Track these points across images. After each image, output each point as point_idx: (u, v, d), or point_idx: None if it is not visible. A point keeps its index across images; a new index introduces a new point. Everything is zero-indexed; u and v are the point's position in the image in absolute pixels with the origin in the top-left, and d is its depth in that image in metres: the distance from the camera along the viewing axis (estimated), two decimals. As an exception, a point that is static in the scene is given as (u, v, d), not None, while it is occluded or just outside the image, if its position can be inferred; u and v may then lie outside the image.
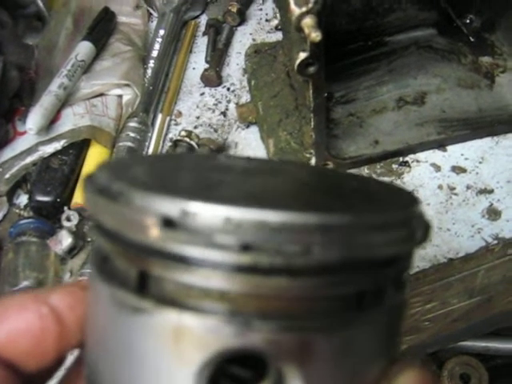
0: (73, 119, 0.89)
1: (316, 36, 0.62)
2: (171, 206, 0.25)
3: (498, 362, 1.33)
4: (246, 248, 0.24)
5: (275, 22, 1.09)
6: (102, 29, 1.02)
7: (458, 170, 0.87)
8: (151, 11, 1.13)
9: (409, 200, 0.33)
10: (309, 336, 0.26)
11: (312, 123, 0.78)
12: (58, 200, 0.86)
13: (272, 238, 0.24)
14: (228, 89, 1.02)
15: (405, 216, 0.30)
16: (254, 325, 0.25)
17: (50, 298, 0.31)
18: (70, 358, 0.35)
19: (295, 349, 0.25)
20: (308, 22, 0.63)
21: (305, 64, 0.68)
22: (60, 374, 0.35)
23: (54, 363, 0.32)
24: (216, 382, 0.26)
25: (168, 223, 0.25)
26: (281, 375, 0.26)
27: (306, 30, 0.63)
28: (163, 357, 0.26)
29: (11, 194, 0.92)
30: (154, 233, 0.25)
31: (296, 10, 0.63)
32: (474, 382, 1.29)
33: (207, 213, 0.25)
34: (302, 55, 0.67)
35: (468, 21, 1.00)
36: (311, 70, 0.69)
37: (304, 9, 0.63)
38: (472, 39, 0.99)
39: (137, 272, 0.27)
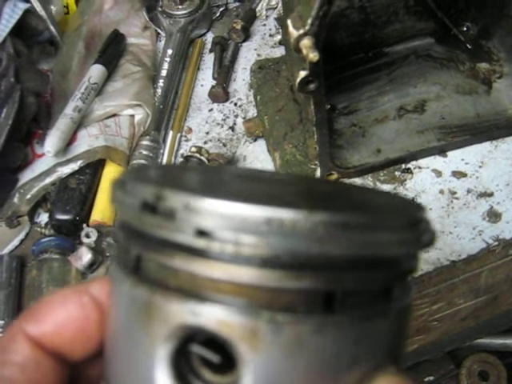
0: (88, 140, 0.94)
1: (314, 56, 0.66)
2: (148, 192, 0.29)
3: (516, 359, 1.35)
4: (200, 233, 0.27)
5: (278, 37, 1.13)
6: (112, 51, 1.07)
7: (458, 174, 0.90)
8: (159, 31, 1.18)
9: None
10: (257, 325, 0.27)
11: (315, 136, 0.82)
12: (77, 218, 0.90)
13: (225, 226, 0.27)
14: (235, 104, 1.06)
15: (365, 218, 0.29)
16: (207, 305, 0.27)
17: (89, 288, 0.35)
18: None
19: (245, 335, 0.27)
20: (306, 43, 0.67)
21: (305, 81, 0.71)
22: None
23: (97, 351, 0.35)
24: (186, 361, 0.29)
25: (146, 206, 0.29)
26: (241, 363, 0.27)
27: (304, 51, 0.67)
28: (137, 327, 0.29)
29: (32, 214, 0.96)
30: (136, 215, 0.29)
31: (294, 33, 0.67)
32: (493, 380, 1.30)
33: (173, 199, 0.28)
34: (302, 73, 0.71)
35: (465, 29, 1.03)
36: (311, 87, 0.72)
37: (301, 31, 0.66)
38: (469, 46, 1.02)
39: (135, 256, 0.31)
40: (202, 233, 0.27)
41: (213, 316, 0.27)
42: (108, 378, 0.33)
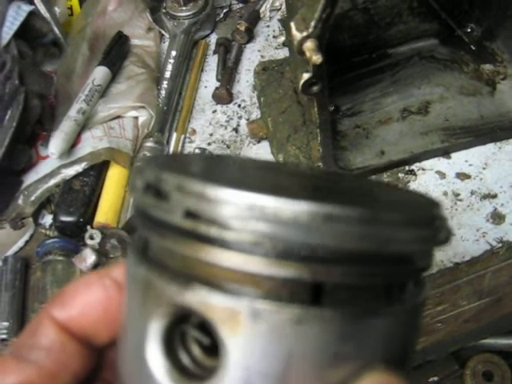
0: (92, 142, 0.94)
1: (317, 59, 0.66)
2: (151, 175, 0.30)
3: (521, 359, 1.35)
4: (188, 215, 0.28)
5: (282, 38, 1.13)
6: (116, 53, 1.07)
7: (462, 176, 0.90)
8: (163, 33, 1.18)
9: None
10: (237, 309, 0.27)
11: (319, 138, 0.82)
12: (81, 220, 0.91)
13: (212, 210, 0.27)
14: (239, 105, 1.06)
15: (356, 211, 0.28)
16: (191, 285, 0.28)
17: (111, 272, 0.36)
18: None
19: (225, 318, 0.27)
20: (309, 45, 0.67)
21: (308, 84, 0.72)
22: None
23: None
24: (182, 338, 0.30)
25: (148, 189, 0.30)
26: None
27: (308, 54, 0.67)
28: (136, 305, 0.31)
29: (37, 215, 0.96)
30: (141, 198, 0.30)
31: (297, 35, 0.67)
32: (497, 380, 1.31)
33: (168, 181, 0.29)
34: (306, 76, 0.71)
35: (469, 30, 1.03)
36: (315, 89, 0.72)
37: (305, 33, 0.67)
38: (473, 48, 1.02)
39: (144, 238, 0.32)
40: (190, 214, 0.28)
41: (197, 297, 0.27)
42: (116, 356, 0.34)
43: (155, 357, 0.29)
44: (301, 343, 0.27)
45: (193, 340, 0.30)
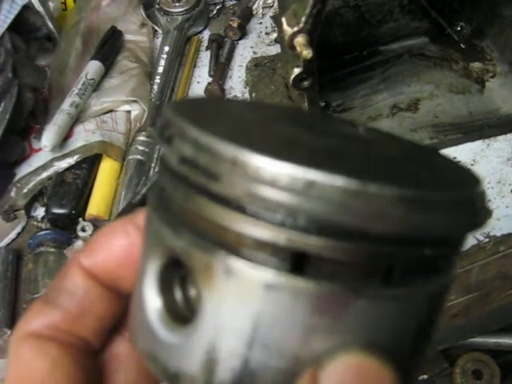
0: (84, 135, 0.95)
1: (307, 53, 0.67)
2: (164, 118, 0.30)
3: (510, 358, 1.35)
4: (183, 160, 0.28)
5: (274, 35, 1.14)
6: (109, 47, 1.08)
7: (450, 172, 0.91)
8: (156, 28, 1.19)
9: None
10: (212, 261, 0.27)
11: (309, 133, 0.83)
12: (73, 212, 0.91)
13: (202, 157, 0.27)
14: (231, 101, 1.07)
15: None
16: (179, 231, 0.28)
17: (134, 218, 0.36)
18: None
19: (201, 268, 0.27)
20: (300, 40, 0.68)
21: (299, 79, 0.72)
22: None
23: None
24: (182, 278, 0.30)
25: (161, 135, 0.30)
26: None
27: (298, 49, 0.68)
28: (143, 243, 0.32)
29: (29, 208, 0.97)
30: (156, 141, 0.32)
31: (288, 30, 0.68)
32: (486, 378, 1.31)
33: (173, 126, 0.29)
34: (296, 71, 0.72)
35: (459, 28, 1.04)
36: (305, 84, 0.73)
37: (295, 28, 0.68)
38: (463, 46, 1.03)
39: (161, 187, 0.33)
40: (185, 160, 0.27)
41: (182, 243, 0.28)
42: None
43: (149, 295, 0.30)
44: (269, 308, 0.26)
45: (191, 285, 0.30)
